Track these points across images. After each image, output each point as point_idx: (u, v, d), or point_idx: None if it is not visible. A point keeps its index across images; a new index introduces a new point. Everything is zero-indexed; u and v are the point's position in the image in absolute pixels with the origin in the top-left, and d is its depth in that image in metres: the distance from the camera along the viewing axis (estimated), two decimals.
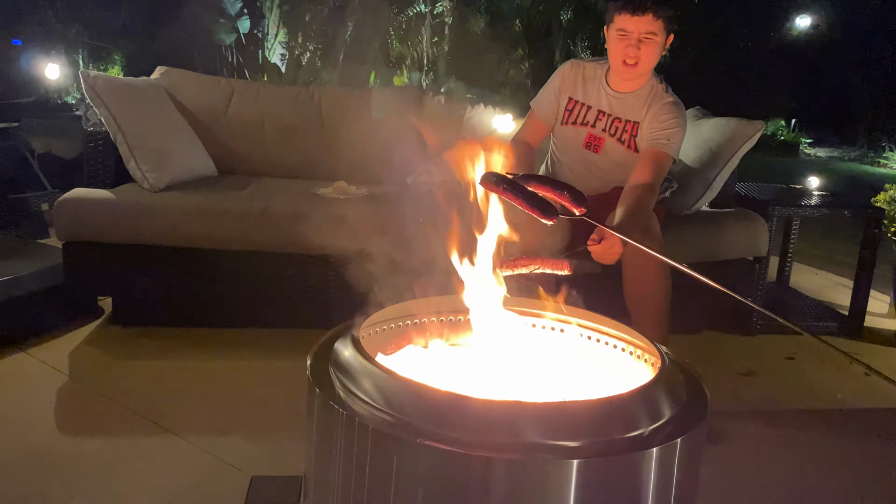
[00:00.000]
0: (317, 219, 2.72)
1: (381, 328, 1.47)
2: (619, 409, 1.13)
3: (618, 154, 2.44)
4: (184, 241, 2.66)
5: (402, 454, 1.07)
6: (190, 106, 3.23)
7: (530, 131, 2.59)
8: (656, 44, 2.28)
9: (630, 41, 2.27)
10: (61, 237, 2.65)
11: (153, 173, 2.76)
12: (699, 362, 1.39)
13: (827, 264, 4.37)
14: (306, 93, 3.47)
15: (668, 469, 1.12)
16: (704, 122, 3.03)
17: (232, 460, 1.94)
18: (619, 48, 2.31)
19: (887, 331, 3.32)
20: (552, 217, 1.26)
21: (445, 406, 1.09)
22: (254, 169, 3.26)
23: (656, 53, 2.31)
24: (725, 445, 2.18)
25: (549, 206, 1.26)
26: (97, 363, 2.51)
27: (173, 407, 2.22)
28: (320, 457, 1.22)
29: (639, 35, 2.26)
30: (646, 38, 2.26)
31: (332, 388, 1.20)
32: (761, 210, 3.08)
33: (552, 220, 1.27)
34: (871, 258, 3.21)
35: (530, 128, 2.60)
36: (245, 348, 2.68)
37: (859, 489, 2.05)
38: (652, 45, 2.28)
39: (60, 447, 1.98)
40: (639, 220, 2.17)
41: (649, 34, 2.26)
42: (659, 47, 2.30)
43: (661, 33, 2.27)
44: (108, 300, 2.91)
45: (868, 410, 2.53)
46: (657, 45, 2.29)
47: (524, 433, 1.06)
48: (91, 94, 2.73)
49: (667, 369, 1.25)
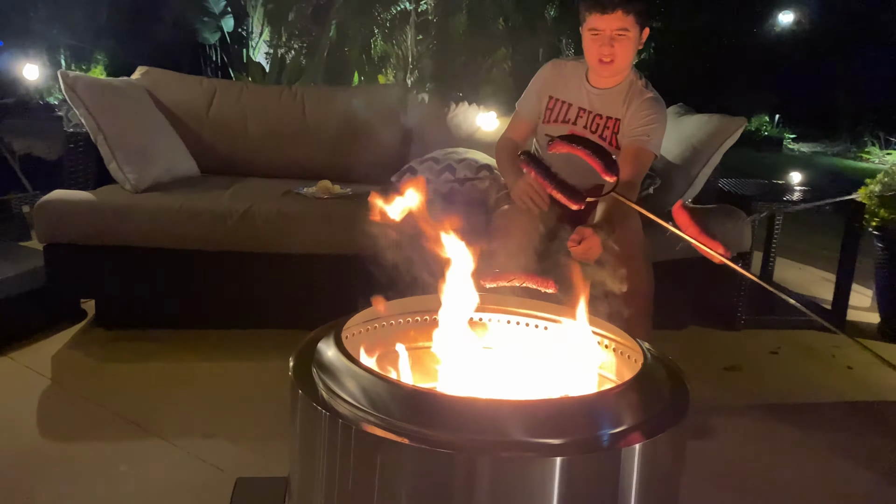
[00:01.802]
0: (301, 219, 2.71)
1: (366, 328, 1.47)
2: (601, 407, 1.13)
3: None
4: (167, 243, 2.65)
5: (385, 454, 1.07)
6: (172, 106, 3.21)
7: (516, 130, 2.62)
8: (629, 39, 2.31)
9: (603, 39, 2.30)
10: (42, 239, 2.62)
11: (135, 174, 2.74)
12: (683, 357, 1.40)
13: (811, 259, 4.41)
14: (289, 92, 3.45)
15: (650, 465, 1.13)
16: (687, 118, 3.05)
17: (217, 462, 1.93)
18: (593, 47, 2.33)
19: (869, 324, 3.35)
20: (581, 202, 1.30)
21: (428, 405, 1.09)
22: (237, 169, 3.24)
23: (631, 49, 2.33)
24: (709, 440, 2.20)
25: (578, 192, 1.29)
26: (81, 366, 2.49)
27: (157, 409, 2.21)
28: (304, 458, 1.22)
29: (611, 33, 2.29)
30: (618, 34, 2.29)
31: (315, 389, 1.20)
32: (744, 206, 3.10)
33: (581, 206, 1.30)
34: (853, 253, 3.24)
35: (516, 127, 2.62)
36: (229, 349, 2.67)
37: (842, 482, 2.07)
38: (625, 41, 2.30)
39: (44, 451, 1.97)
40: (619, 216, 2.19)
41: (621, 31, 2.28)
42: (633, 43, 2.32)
43: (633, 28, 2.29)
44: (91, 303, 2.89)
45: (850, 404, 2.55)
46: (630, 41, 2.31)
47: (507, 431, 1.06)
48: (70, 94, 2.70)
49: (649, 366, 1.25)
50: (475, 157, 2.98)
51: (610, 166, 1.30)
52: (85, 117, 2.73)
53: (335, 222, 2.72)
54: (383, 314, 1.46)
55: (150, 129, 2.99)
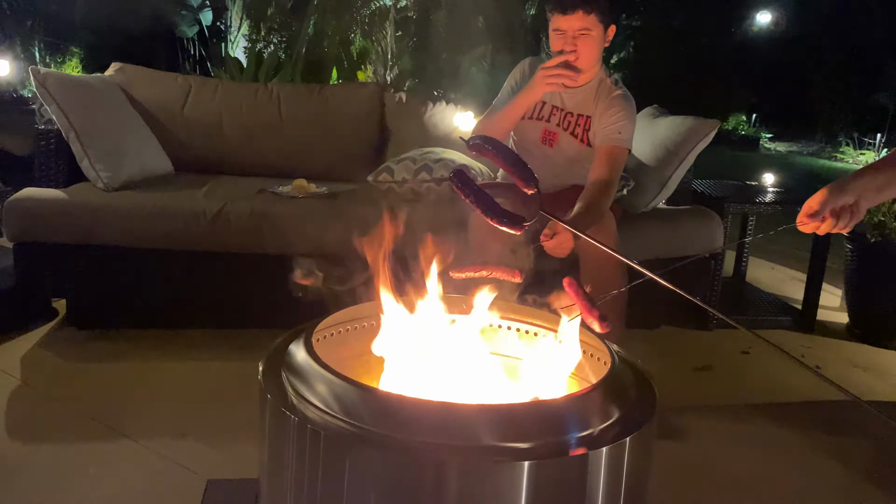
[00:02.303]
0: (275, 217, 2.70)
1: (337, 331, 1.47)
2: (568, 410, 1.14)
3: (571, 149, 2.48)
4: (139, 242, 2.62)
5: (354, 459, 1.07)
6: (146, 103, 3.18)
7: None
8: (593, 38, 2.34)
9: (566, 39, 2.34)
10: (11, 238, 2.59)
11: (107, 172, 2.71)
12: (656, 357, 1.42)
13: (783, 259, 4.47)
14: (265, 90, 3.43)
15: (618, 467, 1.14)
16: (661, 120, 3.07)
17: (188, 464, 1.92)
18: (557, 46, 2.37)
19: (838, 324, 3.41)
20: (518, 227, 1.29)
21: (397, 410, 1.10)
22: (211, 167, 3.22)
23: (594, 47, 2.37)
24: (680, 440, 2.22)
25: (516, 217, 1.29)
26: (51, 367, 2.46)
27: (128, 410, 2.19)
28: (273, 462, 1.22)
29: (573, 32, 2.32)
30: (581, 34, 2.32)
31: (284, 393, 1.20)
32: (717, 207, 3.14)
33: (519, 231, 1.30)
34: (823, 253, 3.29)
35: None
36: (202, 349, 2.65)
37: (812, 480, 2.11)
38: (588, 39, 2.33)
39: (12, 453, 1.94)
40: (592, 215, 2.20)
41: (583, 30, 2.32)
42: (596, 41, 2.36)
43: (595, 27, 2.33)
44: (62, 302, 2.86)
45: (819, 403, 2.59)
46: (594, 40, 2.35)
47: (476, 436, 1.07)
48: (42, 91, 2.67)
49: (616, 368, 1.27)
50: (452, 157, 2.98)
51: (528, 179, 1.30)
52: (56, 114, 2.69)
53: (310, 221, 2.71)
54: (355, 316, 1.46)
55: (123, 126, 2.96)
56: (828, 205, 1.37)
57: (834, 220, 1.37)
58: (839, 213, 1.37)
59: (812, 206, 1.39)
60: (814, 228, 1.40)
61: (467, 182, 1.29)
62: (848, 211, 1.37)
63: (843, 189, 1.38)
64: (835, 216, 1.37)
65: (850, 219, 1.38)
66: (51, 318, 2.81)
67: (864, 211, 1.40)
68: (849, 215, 1.37)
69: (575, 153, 2.47)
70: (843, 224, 1.38)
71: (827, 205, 1.37)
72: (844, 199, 1.37)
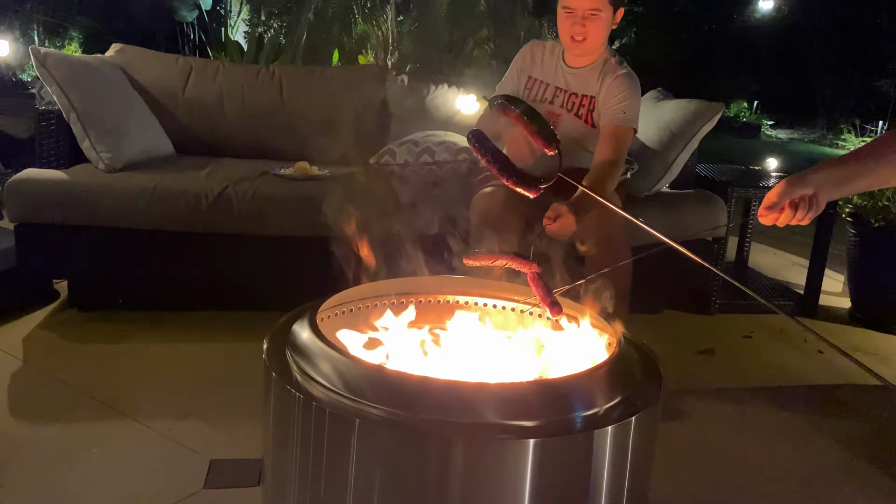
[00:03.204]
0: (277, 200, 2.69)
1: (341, 310, 1.47)
2: (574, 389, 1.14)
3: (575, 129, 2.46)
4: (140, 223, 2.61)
5: (360, 437, 1.07)
6: (147, 84, 3.15)
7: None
8: (602, 19, 2.33)
9: (575, 18, 2.33)
10: (13, 219, 2.58)
11: (108, 153, 2.70)
12: (658, 341, 1.42)
13: (785, 244, 4.46)
14: (266, 71, 3.41)
15: (622, 447, 1.14)
16: (665, 104, 3.06)
17: (191, 444, 1.92)
18: (566, 25, 2.37)
19: (840, 309, 3.41)
20: (535, 190, 1.28)
21: (402, 388, 1.09)
22: (213, 149, 3.20)
23: (603, 28, 2.36)
24: (682, 422, 2.23)
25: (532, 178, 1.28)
26: (53, 347, 2.46)
27: (131, 391, 2.19)
28: (278, 441, 1.22)
29: (583, 12, 2.32)
30: (590, 14, 2.32)
31: (288, 371, 1.19)
32: (720, 191, 3.12)
33: (535, 193, 1.29)
34: (826, 239, 3.28)
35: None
36: (204, 331, 2.65)
37: (812, 462, 2.11)
38: (597, 20, 2.33)
39: (15, 433, 1.95)
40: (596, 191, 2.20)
41: (593, 10, 2.31)
42: (605, 23, 2.35)
43: (605, 9, 2.32)
44: (63, 283, 2.85)
45: (821, 387, 2.60)
46: (603, 21, 2.34)
47: (481, 413, 1.07)
48: (42, 71, 2.65)
49: (623, 349, 1.26)
50: (454, 140, 2.96)
51: (549, 139, 1.28)
52: (57, 94, 2.68)
53: (312, 203, 2.69)
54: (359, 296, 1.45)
55: (124, 107, 2.94)
56: (785, 196, 1.37)
57: (792, 210, 1.37)
58: (797, 204, 1.37)
59: (771, 198, 1.39)
60: (773, 220, 1.40)
61: (484, 142, 1.28)
62: (806, 202, 1.37)
63: (802, 180, 1.38)
64: (793, 207, 1.37)
65: (808, 210, 1.37)
66: (52, 299, 2.80)
67: (824, 204, 1.39)
68: (807, 207, 1.37)
69: (579, 134, 2.46)
70: (801, 215, 1.37)
71: (784, 196, 1.37)
72: (802, 190, 1.37)
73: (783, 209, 1.38)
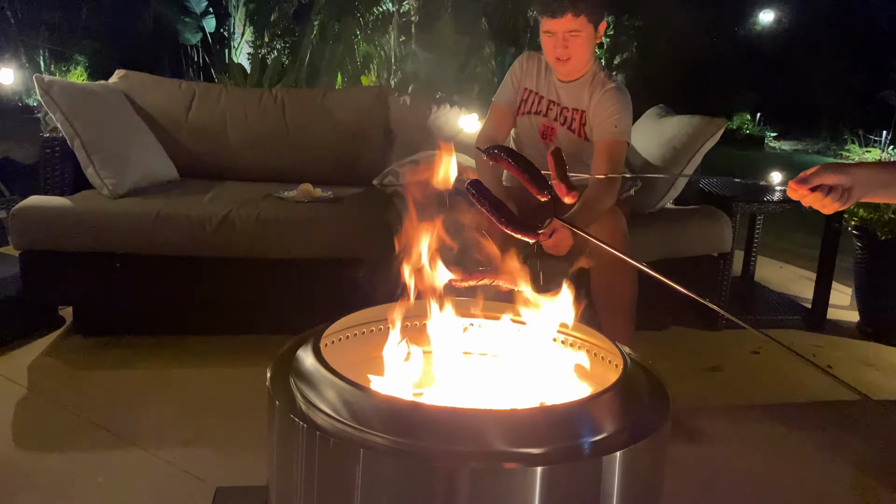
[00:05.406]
0: (281, 223, 2.69)
1: (346, 335, 1.46)
2: (581, 415, 1.13)
3: (569, 143, 2.47)
4: (145, 249, 2.62)
5: (364, 466, 1.06)
6: (150, 109, 3.17)
7: (496, 125, 2.60)
8: (583, 38, 2.35)
9: (557, 40, 2.35)
10: (17, 246, 2.58)
11: (112, 179, 2.71)
12: (665, 358, 1.40)
13: (791, 257, 4.44)
14: (269, 95, 3.43)
15: (631, 472, 1.12)
16: (667, 120, 3.05)
17: (196, 471, 1.91)
18: (549, 47, 2.39)
19: (848, 323, 3.38)
20: (533, 235, 1.29)
21: (407, 416, 1.08)
22: (217, 173, 3.21)
23: (586, 46, 2.38)
24: (690, 442, 2.20)
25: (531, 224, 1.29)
26: (57, 374, 2.46)
27: (136, 418, 2.18)
28: (282, 469, 1.20)
29: (563, 34, 2.34)
30: (571, 35, 2.34)
31: (292, 399, 1.18)
32: (725, 206, 3.11)
33: (534, 238, 1.30)
34: (832, 251, 3.26)
35: (495, 121, 2.60)
36: (209, 356, 2.65)
37: (823, 481, 2.08)
38: (578, 39, 2.35)
39: (19, 462, 1.94)
40: (593, 210, 2.20)
41: (573, 31, 2.33)
42: (587, 40, 2.37)
43: (585, 28, 2.34)
44: (69, 309, 2.85)
45: (831, 403, 2.57)
46: (584, 39, 2.36)
47: (488, 441, 1.05)
48: (46, 99, 2.67)
49: (629, 371, 1.25)
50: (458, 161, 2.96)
51: (542, 186, 1.30)
52: (61, 122, 2.69)
53: (316, 226, 2.70)
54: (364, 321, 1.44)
55: (127, 133, 2.96)
56: (820, 178, 1.35)
57: (822, 193, 1.35)
58: (830, 189, 1.35)
59: (807, 173, 1.37)
60: (800, 197, 1.37)
61: (483, 191, 1.29)
62: (838, 192, 1.35)
63: (843, 170, 1.36)
64: (824, 191, 1.35)
65: (838, 199, 1.35)
66: (57, 325, 2.80)
67: (854, 200, 1.37)
68: (837, 196, 1.35)
69: (573, 148, 2.46)
70: (829, 201, 1.35)
71: (819, 178, 1.35)
72: (840, 179, 1.35)
73: (815, 190, 1.36)
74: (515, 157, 1.32)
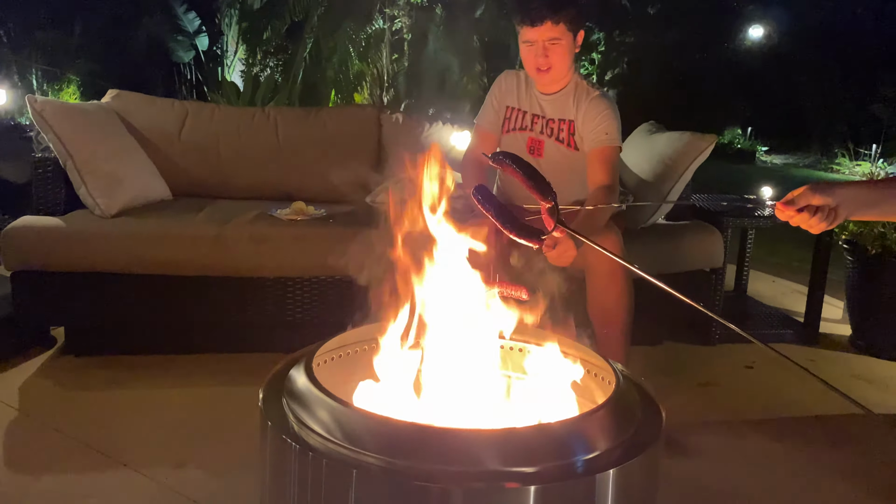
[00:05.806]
0: (274, 241, 2.69)
1: (338, 354, 1.46)
2: (574, 433, 1.13)
3: (559, 155, 2.48)
4: (138, 268, 2.61)
5: (358, 487, 1.06)
6: (143, 129, 3.17)
7: (480, 145, 2.60)
8: (563, 46, 2.36)
9: (537, 49, 2.36)
10: (9, 267, 2.58)
11: (104, 199, 2.70)
12: (659, 374, 1.40)
13: (784, 271, 4.46)
14: (262, 113, 3.44)
15: (625, 489, 1.12)
16: (658, 136, 3.08)
17: (190, 493, 1.90)
18: (529, 58, 2.40)
19: (841, 336, 3.39)
20: (538, 241, 1.30)
21: (400, 436, 1.08)
22: (210, 191, 3.21)
23: (566, 55, 2.39)
24: (684, 457, 2.20)
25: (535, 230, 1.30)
26: (49, 395, 2.44)
27: (129, 439, 2.16)
28: (275, 490, 1.20)
29: (543, 42, 2.34)
30: (551, 44, 2.35)
31: (285, 420, 1.18)
32: (716, 221, 3.13)
33: (538, 245, 1.31)
34: (824, 266, 3.28)
35: (479, 142, 2.61)
36: (202, 375, 2.63)
37: (818, 497, 2.08)
38: (558, 47, 2.35)
39: (10, 485, 1.92)
40: (595, 220, 2.21)
41: (553, 40, 2.34)
42: (567, 48, 2.38)
43: (564, 36, 2.35)
44: (60, 330, 2.84)
45: (825, 417, 2.57)
46: (564, 47, 2.37)
47: (481, 461, 1.05)
48: (38, 119, 2.67)
49: (621, 388, 1.25)
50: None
51: (546, 192, 1.31)
52: (54, 142, 2.69)
53: (309, 244, 2.70)
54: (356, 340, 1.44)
55: (120, 153, 2.95)
56: (806, 199, 1.37)
57: (808, 214, 1.37)
58: (816, 210, 1.37)
59: (793, 194, 1.39)
60: (788, 217, 1.39)
61: (489, 197, 1.30)
62: (825, 212, 1.37)
63: (828, 190, 1.38)
64: (811, 212, 1.37)
65: (824, 219, 1.37)
66: (49, 346, 2.79)
67: (841, 219, 1.39)
68: (824, 216, 1.37)
69: (564, 159, 2.47)
70: (815, 222, 1.37)
71: (806, 199, 1.37)
72: (825, 198, 1.37)
73: (802, 210, 1.37)
74: (520, 164, 1.33)
